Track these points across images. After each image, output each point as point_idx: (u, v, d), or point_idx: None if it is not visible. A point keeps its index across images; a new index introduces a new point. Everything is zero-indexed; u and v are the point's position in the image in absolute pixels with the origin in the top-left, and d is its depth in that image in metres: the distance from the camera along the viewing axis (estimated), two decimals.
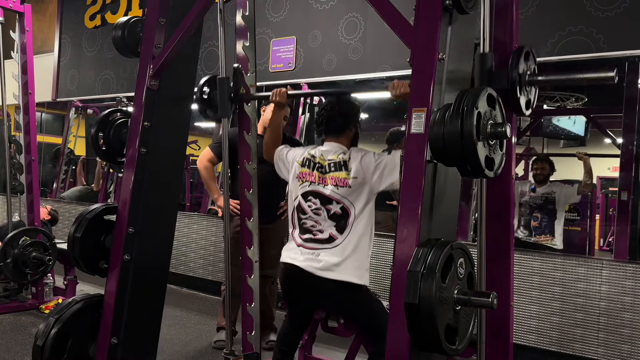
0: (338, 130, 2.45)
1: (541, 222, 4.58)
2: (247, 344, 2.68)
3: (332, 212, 2.32)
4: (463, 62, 1.87)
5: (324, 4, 4.67)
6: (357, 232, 2.29)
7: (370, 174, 2.28)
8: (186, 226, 5.34)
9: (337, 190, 2.31)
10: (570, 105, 6.26)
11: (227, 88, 2.48)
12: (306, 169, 2.41)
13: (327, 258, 2.27)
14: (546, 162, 4.76)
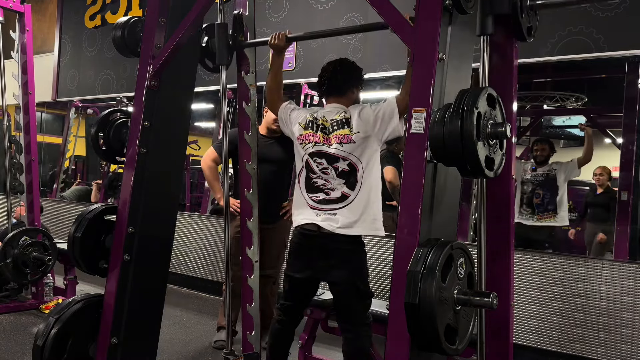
0: (340, 91, 2.47)
1: (543, 198, 4.56)
2: (247, 344, 2.68)
3: (340, 169, 2.35)
4: (463, 62, 1.87)
5: (324, 4, 4.67)
6: (367, 186, 2.33)
7: (372, 125, 2.30)
8: (186, 226, 5.34)
9: (342, 147, 2.34)
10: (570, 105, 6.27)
11: (225, 34, 2.44)
12: (310, 130, 2.43)
13: (344, 217, 2.32)
14: (546, 143, 4.76)
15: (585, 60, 3.56)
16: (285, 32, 2.49)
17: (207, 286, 5.13)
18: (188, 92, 2.73)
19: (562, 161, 4.71)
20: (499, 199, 1.97)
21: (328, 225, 2.33)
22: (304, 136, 2.45)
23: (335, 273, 2.38)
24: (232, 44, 2.52)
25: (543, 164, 4.67)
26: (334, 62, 2.53)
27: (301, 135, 2.45)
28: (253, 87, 2.68)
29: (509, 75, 1.98)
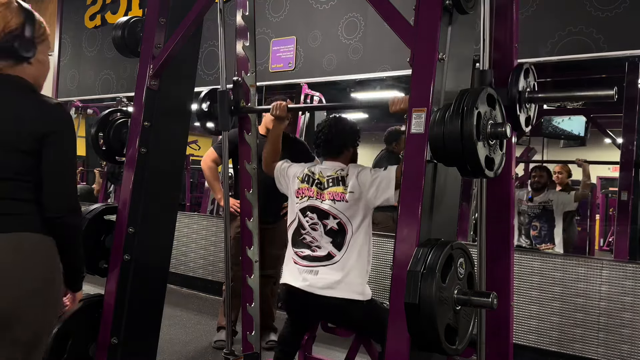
0: (336, 152, 2.47)
1: (540, 231, 4.62)
2: (247, 344, 2.68)
3: (329, 227, 2.32)
4: (463, 62, 1.87)
5: (324, 4, 4.67)
6: (355, 249, 2.29)
7: (367, 189, 2.29)
8: (186, 226, 5.34)
9: (334, 204, 2.32)
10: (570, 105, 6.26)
11: (227, 101, 2.49)
12: (305, 184, 2.42)
13: (326, 275, 2.27)
14: (544, 171, 4.83)
15: (585, 60, 3.56)
16: (285, 102, 2.51)
17: (207, 286, 5.13)
18: (188, 92, 2.73)
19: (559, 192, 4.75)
20: (499, 199, 1.97)
21: (308, 286, 2.29)
22: (300, 190, 2.43)
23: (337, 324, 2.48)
24: (234, 109, 2.56)
25: (540, 191, 4.71)
26: (329, 122, 2.51)
27: (298, 189, 2.44)
28: (253, 87, 2.68)
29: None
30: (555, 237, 4.62)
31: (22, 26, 1.52)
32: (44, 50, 1.61)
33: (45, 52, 1.62)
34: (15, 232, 1.48)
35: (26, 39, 1.52)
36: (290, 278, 2.39)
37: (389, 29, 1.83)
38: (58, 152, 1.53)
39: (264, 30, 4.87)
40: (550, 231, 4.62)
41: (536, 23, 3.62)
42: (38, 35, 1.58)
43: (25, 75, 1.56)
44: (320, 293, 2.27)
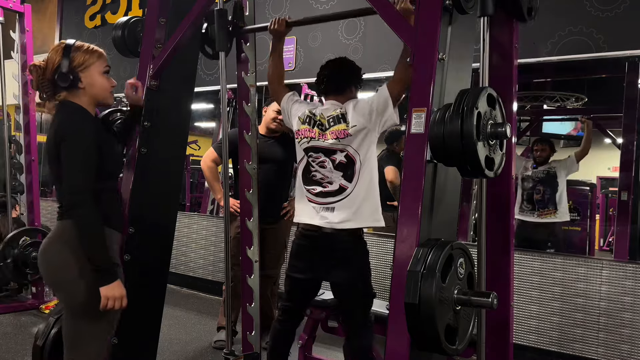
0: (338, 89, 2.46)
1: (544, 194, 4.59)
2: (247, 344, 2.68)
3: (338, 161, 2.34)
4: (463, 62, 1.87)
5: (324, 4, 4.67)
6: (365, 178, 2.32)
7: (367, 117, 2.30)
8: (186, 226, 5.34)
9: (338, 141, 2.34)
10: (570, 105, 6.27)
11: (224, 20, 2.42)
12: (306, 125, 2.43)
13: (342, 210, 2.31)
14: (547, 144, 4.77)
15: (585, 60, 3.56)
16: (285, 17, 2.51)
17: (207, 286, 5.13)
18: (188, 92, 2.73)
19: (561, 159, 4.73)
20: (499, 199, 1.97)
21: (327, 223, 2.34)
22: (301, 131, 2.46)
23: (337, 273, 2.38)
24: (232, 30, 2.52)
25: (543, 164, 4.68)
26: (332, 61, 2.53)
27: (299, 130, 2.46)
28: (253, 87, 2.68)
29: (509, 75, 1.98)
30: (559, 204, 4.59)
31: (60, 63, 1.87)
32: (90, 74, 1.91)
33: (93, 75, 1.92)
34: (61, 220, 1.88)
35: (62, 73, 1.87)
36: (306, 217, 2.40)
37: (389, 29, 1.83)
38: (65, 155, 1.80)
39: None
40: (553, 196, 4.59)
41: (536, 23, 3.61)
42: (77, 65, 1.89)
43: (78, 98, 1.91)
44: (338, 227, 2.31)
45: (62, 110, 1.90)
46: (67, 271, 1.84)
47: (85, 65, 1.91)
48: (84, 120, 1.89)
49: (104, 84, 1.95)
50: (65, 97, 1.90)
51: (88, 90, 1.92)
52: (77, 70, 1.89)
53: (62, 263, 1.85)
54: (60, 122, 1.86)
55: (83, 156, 1.81)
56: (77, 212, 1.79)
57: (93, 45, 1.99)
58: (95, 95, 1.94)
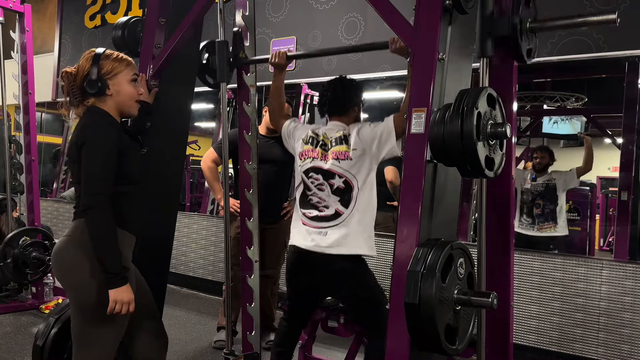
0: (341, 110, 2.47)
1: (544, 209, 4.58)
2: (247, 344, 2.68)
3: (336, 186, 2.34)
4: (463, 62, 1.87)
5: (324, 4, 4.67)
6: (362, 205, 2.31)
7: (369, 144, 2.30)
8: (186, 226, 5.34)
9: (338, 163, 2.34)
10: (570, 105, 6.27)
11: (225, 52, 2.45)
12: (309, 146, 2.44)
13: (334, 234, 2.30)
14: (546, 152, 4.76)
15: (585, 60, 3.56)
16: (285, 50, 2.51)
17: (207, 286, 5.13)
18: (188, 92, 2.73)
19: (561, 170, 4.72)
20: (499, 199, 1.97)
21: (316, 246, 2.32)
22: (304, 152, 2.45)
23: (335, 292, 2.45)
24: (233, 61, 2.54)
25: (542, 172, 4.67)
26: (334, 81, 2.53)
27: (302, 151, 2.46)
28: (253, 87, 2.68)
29: (509, 75, 1.98)
30: (558, 218, 4.59)
31: (89, 70, 1.93)
32: (118, 82, 1.97)
33: (121, 83, 1.97)
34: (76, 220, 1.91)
35: (90, 80, 1.93)
36: (299, 239, 2.40)
37: (389, 29, 1.83)
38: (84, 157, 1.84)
39: (264, 30, 4.87)
40: (553, 210, 4.59)
41: None
42: (106, 72, 1.95)
43: (106, 105, 1.96)
44: (327, 252, 2.29)
45: (87, 115, 1.95)
46: (79, 272, 1.85)
47: (114, 73, 1.96)
48: (107, 124, 1.93)
49: (131, 91, 2.00)
50: (93, 102, 1.96)
51: (115, 97, 1.97)
52: (106, 78, 1.95)
53: (74, 263, 1.87)
54: (84, 126, 1.91)
55: (102, 160, 1.84)
56: (91, 214, 1.81)
57: (122, 54, 2.04)
58: (122, 102, 1.99)
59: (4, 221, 4.42)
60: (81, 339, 1.90)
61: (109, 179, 1.85)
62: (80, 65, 1.97)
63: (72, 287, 1.91)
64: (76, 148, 1.87)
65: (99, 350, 1.89)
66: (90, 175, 1.83)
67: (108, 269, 1.81)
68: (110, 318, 1.84)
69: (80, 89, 1.96)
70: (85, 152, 1.84)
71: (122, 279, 1.83)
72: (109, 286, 1.81)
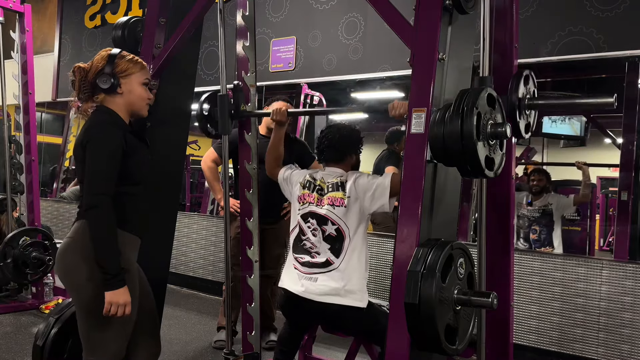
0: (338, 158, 2.47)
1: (540, 234, 4.62)
2: (247, 344, 2.68)
3: (327, 233, 2.32)
4: (463, 62, 1.87)
5: (324, 4, 4.67)
6: (353, 256, 2.29)
7: (363, 194, 2.29)
8: (186, 226, 5.34)
9: (333, 210, 2.33)
10: None
11: (227, 105, 2.49)
12: (307, 190, 2.43)
13: (325, 282, 2.27)
14: (542, 174, 4.80)
15: (585, 60, 3.56)
16: (285, 107, 2.54)
17: (207, 286, 5.13)
18: (188, 92, 2.73)
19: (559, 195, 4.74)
20: (499, 199, 1.97)
21: (306, 292, 2.30)
22: (302, 196, 2.44)
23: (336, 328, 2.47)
24: (234, 113, 2.55)
25: (539, 195, 4.69)
26: (332, 128, 2.52)
27: (300, 195, 2.45)
28: (253, 87, 2.68)
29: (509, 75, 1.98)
30: (554, 240, 4.62)
31: (103, 67, 1.95)
32: (131, 82, 1.98)
33: (133, 83, 1.98)
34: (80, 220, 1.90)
35: (104, 75, 1.94)
36: (289, 283, 2.39)
37: (389, 29, 1.83)
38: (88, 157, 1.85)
39: (264, 30, 4.87)
40: (549, 234, 4.62)
41: (536, 23, 3.62)
42: (120, 71, 1.96)
43: (115, 104, 1.97)
44: (318, 300, 2.28)
45: (94, 114, 1.96)
46: (82, 272, 1.85)
47: (128, 73, 1.97)
48: (112, 124, 1.92)
49: (142, 93, 2.01)
50: (102, 99, 1.97)
51: (126, 97, 1.98)
52: (119, 76, 1.96)
53: (74, 265, 1.87)
54: (90, 125, 1.91)
55: (106, 159, 1.84)
56: (93, 213, 1.81)
57: (137, 57, 2.04)
58: (132, 102, 1.99)
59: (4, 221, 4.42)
60: (88, 339, 1.90)
61: (112, 179, 1.84)
62: (94, 62, 1.98)
63: (74, 289, 1.91)
64: (81, 147, 1.87)
65: (107, 351, 1.89)
66: (94, 174, 1.83)
67: (106, 269, 1.80)
68: (115, 318, 1.84)
69: (91, 84, 1.97)
70: (90, 151, 1.84)
71: (119, 280, 1.81)
72: (106, 287, 1.80)
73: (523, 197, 4.77)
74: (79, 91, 1.99)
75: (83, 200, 1.85)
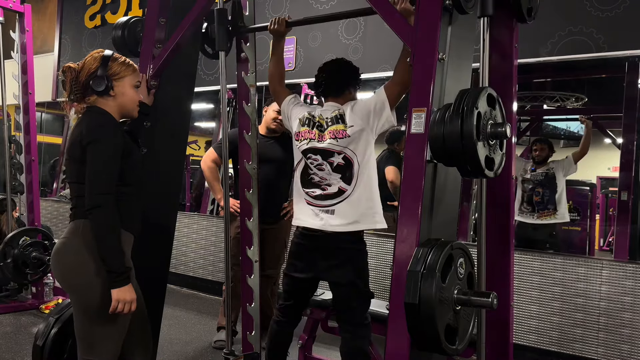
0: (337, 91, 2.46)
1: (543, 196, 4.60)
2: (247, 344, 2.68)
3: (336, 164, 2.34)
4: (463, 62, 1.87)
5: (324, 4, 4.67)
6: (365, 180, 2.31)
7: (365, 118, 2.30)
8: (186, 226, 5.34)
9: (336, 142, 2.33)
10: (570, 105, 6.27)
11: (224, 20, 2.44)
12: (306, 127, 2.43)
13: (343, 212, 2.30)
14: (545, 144, 4.77)
15: (585, 60, 3.56)
16: (285, 16, 2.51)
17: (207, 286, 5.13)
18: (188, 92, 2.73)
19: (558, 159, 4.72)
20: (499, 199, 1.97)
21: (327, 225, 2.33)
22: (300, 133, 2.45)
23: (337, 272, 2.38)
24: (232, 29, 2.52)
25: (542, 164, 4.68)
26: (330, 62, 2.52)
27: (298, 132, 2.46)
28: (253, 87, 2.68)
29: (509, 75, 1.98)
30: (558, 205, 4.60)
31: (97, 69, 1.95)
32: (123, 85, 1.99)
33: (126, 86, 2.00)
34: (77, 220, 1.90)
35: (98, 77, 1.94)
36: (307, 219, 2.39)
37: (389, 29, 1.83)
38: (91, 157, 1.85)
39: None
40: (553, 197, 4.60)
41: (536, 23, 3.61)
42: (113, 74, 1.97)
43: (107, 105, 1.97)
44: (337, 229, 2.30)
45: (92, 115, 1.95)
46: (81, 272, 1.85)
47: (121, 76, 1.99)
48: (112, 126, 1.94)
49: (134, 96, 2.03)
50: (94, 101, 1.97)
51: (118, 99, 1.99)
52: (112, 79, 1.97)
53: (76, 265, 1.87)
54: (90, 126, 1.90)
55: (109, 160, 1.86)
56: (97, 213, 1.81)
57: (128, 59, 2.05)
58: (124, 104, 2.01)
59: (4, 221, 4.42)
60: (86, 340, 1.90)
61: (114, 179, 1.86)
62: (87, 63, 1.98)
63: (75, 289, 1.90)
64: (80, 147, 1.86)
65: (105, 350, 1.89)
66: (98, 174, 1.84)
67: (112, 268, 1.82)
68: (113, 317, 1.85)
69: (83, 86, 1.96)
70: (93, 151, 1.85)
71: (125, 278, 1.84)
72: (112, 285, 1.81)
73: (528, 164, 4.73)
74: (70, 92, 1.99)
75: (86, 200, 1.85)
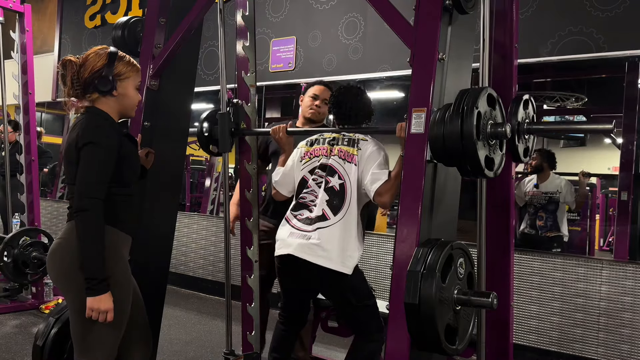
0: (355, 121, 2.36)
1: (546, 221, 4.59)
2: (247, 344, 2.68)
3: (331, 184, 2.26)
4: (463, 62, 1.87)
5: (324, 4, 4.67)
6: (349, 218, 2.21)
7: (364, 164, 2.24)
8: (186, 226, 5.34)
9: (343, 164, 2.26)
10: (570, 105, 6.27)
11: (227, 123, 2.49)
12: (316, 145, 2.37)
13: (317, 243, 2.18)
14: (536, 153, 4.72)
15: (585, 60, 3.56)
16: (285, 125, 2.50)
17: (207, 286, 5.13)
18: (188, 92, 2.73)
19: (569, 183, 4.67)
20: (499, 199, 1.97)
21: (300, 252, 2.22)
22: (307, 153, 2.38)
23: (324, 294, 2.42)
24: (234, 131, 2.55)
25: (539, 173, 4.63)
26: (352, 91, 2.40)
27: (306, 152, 2.39)
28: (253, 87, 2.68)
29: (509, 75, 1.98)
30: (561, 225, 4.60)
31: (103, 67, 1.91)
32: (127, 85, 1.95)
33: (128, 87, 1.96)
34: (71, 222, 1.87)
35: (104, 77, 1.90)
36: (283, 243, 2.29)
37: (389, 29, 1.83)
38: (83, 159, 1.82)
39: (264, 30, 4.87)
40: (555, 220, 4.60)
41: (536, 23, 3.62)
42: (118, 73, 1.93)
43: (108, 105, 1.94)
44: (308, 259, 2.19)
45: (89, 116, 1.91)
46: (75, 274, 1.82)
47: (125, 76, 1.95)
48: (109, 128, 1.90)
49: (135, 97, 2.00)
50: (96, 99, 1.93)
51: (120, 99, 1.95)
52: (117, 79, 1.93)
53: (70, 265, 1.84)
54: (86, 128, 1.86)
55: (102, 164, 1.82)
56: (84, 216, 1.78)
57: (132, 59, 2.02)
58: (125, 105, 1.97)
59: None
60: (81, 341, 1.88)
61: (105, 183, 1.82)
62: (90, 59, 1.92)
63: (69, 290, 1.87)
64: (76, 149, 1.84)
65: (100, 352, 1.88)
66: (88, 177, 1.80)
67: (89, 274, 1.77)
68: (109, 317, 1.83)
69: (84, 83, 1.91)
70: (86, 154, 1.81)
71: (104, 286, 1.78)
72: (88, 292, 1.76)
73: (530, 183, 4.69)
74: (70, 87, 1.94)
75: (74, 202, 1.82)
